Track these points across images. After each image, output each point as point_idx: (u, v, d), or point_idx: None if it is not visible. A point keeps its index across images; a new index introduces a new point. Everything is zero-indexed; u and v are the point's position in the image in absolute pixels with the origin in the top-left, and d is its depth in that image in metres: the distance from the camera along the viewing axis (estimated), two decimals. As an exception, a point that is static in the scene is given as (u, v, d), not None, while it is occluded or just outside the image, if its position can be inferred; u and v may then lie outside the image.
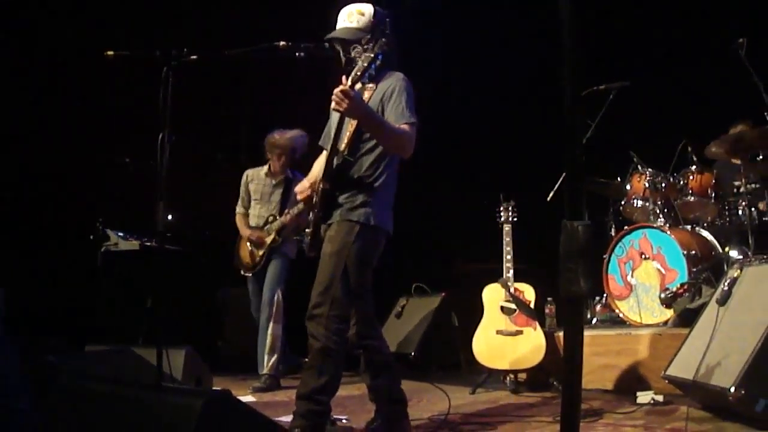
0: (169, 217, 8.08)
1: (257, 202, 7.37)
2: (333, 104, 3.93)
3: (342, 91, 3.84)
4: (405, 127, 4.09)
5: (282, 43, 4.12)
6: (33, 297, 7.59)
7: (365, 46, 3.91)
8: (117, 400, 2.72)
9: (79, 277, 7.93)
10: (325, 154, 4.57)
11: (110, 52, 4.09)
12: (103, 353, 5.07)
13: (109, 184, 8.43)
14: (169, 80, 3.93)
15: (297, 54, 4.15)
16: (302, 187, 4.38)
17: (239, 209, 7.47)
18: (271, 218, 7.20)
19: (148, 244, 7.85)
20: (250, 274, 7.29)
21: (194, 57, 4.03)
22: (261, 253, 7.19)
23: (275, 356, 6.97)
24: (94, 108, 8.51)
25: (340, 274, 4.01)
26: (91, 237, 7.89)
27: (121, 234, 7.92)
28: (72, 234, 8.19)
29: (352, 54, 3.95)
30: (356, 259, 4.06)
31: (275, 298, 7.02)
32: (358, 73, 3.88)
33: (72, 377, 3.10)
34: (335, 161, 4.11)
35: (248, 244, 7.29)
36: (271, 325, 7.00)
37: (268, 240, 7.14)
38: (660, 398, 4.98)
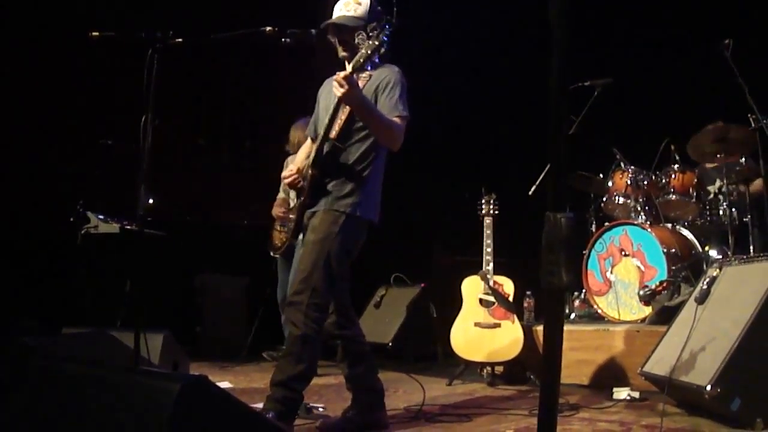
0: (150, 200, 8.04)
1: None
2: (333, 88, 3.95)
3: (343, 77, 3.86)
4: (396, 119, 4.13)
5: (268, 28, 4.09)
6: (10, 278, 7.55)
7: (370, 34, 3.90)
8: (93, 383, 2.70)
9: (58, 259, 7.88)
10: (309, 142, 4.58)
11: (95, 33, 4.05)
12: (80, 336, 5.05)
13: (90, 166, 8.38)
14: (153, 63, 3.90)
15: (283, 40, 4.12)
16: (289, 172, 4.37)
17: (280, 194, 7.43)
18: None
19: (129, 227, 7.81)
20: (278, 255, 7.25)
21: (179, 40, 4.01)
22: (286, 231, 7.15)
23: None
24: (77, 89, 8.46)
25: (322, 263, 4.01)
26: (71, 219, 7.84)
27: (101, 217, 7.86)
28: (52, 215, 8.14)
29: (356, 41, 3.94)
30: (339, 250, 4.07)
31: None
32: (361, 60, 3.89)
33: (48, 359, 3.08)
34: (325, 148, 4.11)
35: (277, 224, 7.25)
36: None
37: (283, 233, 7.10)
38: (636, 394, 5.01)
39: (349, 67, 3.91)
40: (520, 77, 7.80)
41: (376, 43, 3.84)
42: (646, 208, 7.02)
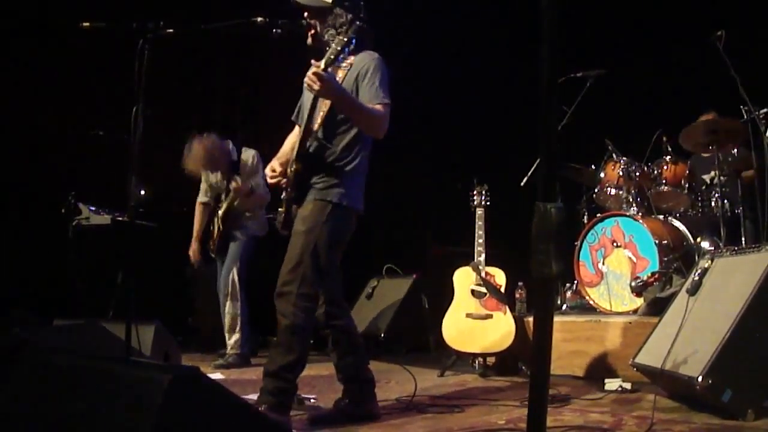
0: (142, 192, 8.02)
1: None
2: (306, 85, 3.96)
3: (315, 74, 3.85)
4: (379, 107, 4.10)
5: (259, 18, 4.08)
6: (2, 270, 7.53)
7: (339, 29, 3.91)
8: (84, 374, 2.70)
9: (50, 251, 7.87)
10: (297, 130, 4.56)
11: (86, 24, 4.04)
12: (71, 327, 5.04)
13: (82, 157, 8.37)
14: (144, 53, 3.89)
15: (274, 30, 4.11)
16: (272, 171, 4.35)
17: (203, 187, 7.45)
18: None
19: (120, 218, 7.80)
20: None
21: (170, 30, 3.99)
22: (215, 239, 7.21)
23: (235, 335, 7.01)
24: (68, 80, 8.43)
25: (310, 252, 4.01)
26: (63, 210, 7.83)
27: (92, 208, 7.86)
28: (43, 207, 8.12)
29: (326, 37, 3.95)
30: (327, 239, 4.07)
31: (230, 277, 7.05)
32: (332, 57, 3.88)
33: (39, 351, 3.07)
34: (308, 143, 4.11)
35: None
36: (228, 303, 7.05)
37: (215, 233, 7.19)
38: (628, 386, 5.00)
39: (321, 63, 3.89)
40: (512, 68, 7.79)
41: (344, 39, 3.87)
42: (638, 199, 7.03)
